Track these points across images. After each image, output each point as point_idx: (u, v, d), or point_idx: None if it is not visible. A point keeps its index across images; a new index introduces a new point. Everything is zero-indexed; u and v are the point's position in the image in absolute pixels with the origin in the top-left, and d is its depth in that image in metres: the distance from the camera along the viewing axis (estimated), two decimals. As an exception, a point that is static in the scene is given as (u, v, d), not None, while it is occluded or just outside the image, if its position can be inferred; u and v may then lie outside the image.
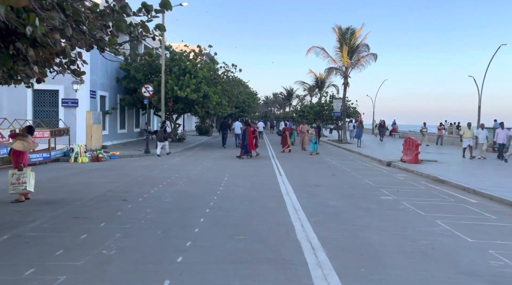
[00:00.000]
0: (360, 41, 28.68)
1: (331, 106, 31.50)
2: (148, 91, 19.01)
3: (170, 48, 23.34)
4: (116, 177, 11.34)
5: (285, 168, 14.19)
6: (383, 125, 35.11)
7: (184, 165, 14.58)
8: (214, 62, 24.36)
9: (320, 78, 42.10)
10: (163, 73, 20.78)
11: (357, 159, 18.47)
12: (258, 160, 16.87)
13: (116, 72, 22.97)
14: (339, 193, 9.47)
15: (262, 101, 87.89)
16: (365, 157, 19.67)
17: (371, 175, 12.96)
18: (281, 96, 77.56)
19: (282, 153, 20.45)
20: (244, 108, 48.78)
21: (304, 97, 55.20)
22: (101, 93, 20.84)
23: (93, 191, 9.17)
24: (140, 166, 14.12)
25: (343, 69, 29.47)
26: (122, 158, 17.51)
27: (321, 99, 38.12)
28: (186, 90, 20.89)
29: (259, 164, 15.32)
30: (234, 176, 11.89)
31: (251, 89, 58.21)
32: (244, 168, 13.99)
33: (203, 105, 22.73)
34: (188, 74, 21.46)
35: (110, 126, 22.24)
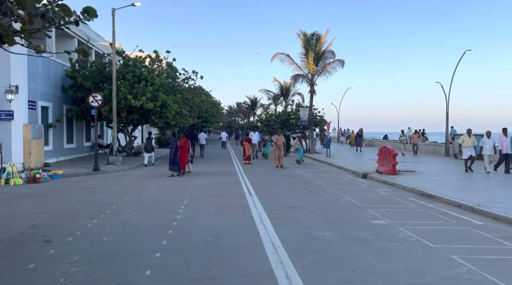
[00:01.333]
0: (326, 47, 27.76)
1: (298, 115, 30.30)
2: (96, 101, 16.79)
3: (123, 53, 21.20)
4: (49, 205, 9.19)
5: (255, 184, 12.50)
6: (360, 135, 31.66)
7: (137, 185, 12.54)
8: (173, 69, 22.42)
9: (285, 86, 41.01)
10: (115, 80, 18.62)
11: (330, 171, 17.12)
12: (223, 176, 15.07)
13: (61, 80, 20.51)
14: (322, 218, 7.89)
15: (225, 111, 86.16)
16: (338, 168, 18.39)
17: (350, 190, 11.54)
18: (244, 106, 76.19)
19: (250, 167, 18.80)
20: (207, 118, 46.77)
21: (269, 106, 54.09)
22: (42, 103, 18.33)
23: (10, 227, 7.05)
24: (83, 188, 11.95)
25: (309, 77, 28.38)
26: (66, 177, 15.17)
27: (287, 108, 36.97)
28: (141, 99, 18.82)
29: (225, 181, 13.55)
30: (195, 198, 10.05)
31: (214, 99, 56.41)
32: (207, 186, 12.17)
33: (161, 116, 20.69)
34: (144, 82, 19.42)
35: (54, 141, 19.68)
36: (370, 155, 25.42)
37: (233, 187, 12.15)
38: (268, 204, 9.28)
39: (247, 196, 10.36)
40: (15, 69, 16.12)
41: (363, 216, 8.08)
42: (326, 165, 19.87)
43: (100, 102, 16.91)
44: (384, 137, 40.97)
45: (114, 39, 18.90)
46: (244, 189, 11.58)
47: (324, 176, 15.25)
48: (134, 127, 24.09)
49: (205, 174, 15.79)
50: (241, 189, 11.69)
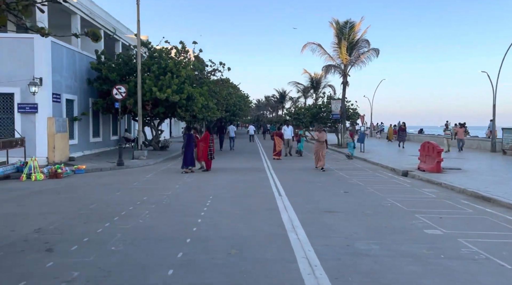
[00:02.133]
0: (360, 35, 26.24)
1: (329, 108, 28.94)
2: (120, 93, 16.21)
3: (149, 44, 20.59)
4: (63, 203, 8.54)
5: (285, 183, 11.49)
6: (403, 128, 28.20)
7: (159, 182, 11.80)
8: (199, 60, 21.64)
9: (315, 78, 39.56)
10: (139, 72, 18.00)
11: (366, 167, 15.85)
12: (251, 173, 14.14)
13: (87, 73, 20.13)
14: (364, 225, 6.79)
15: (254, 105, 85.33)
16: (374, 164, 17.06)
17: (392, 190, 10.32)
18: (273, 99, 75.04)
19: (280, 164, 17.79)
20: (235, 111, 46.01)
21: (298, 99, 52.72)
22: (67, 96, 17.98)
23: (15, 230, 6.38)
24: (103, 185, 11.31)
25: (341, 67, 26.94)
26: (89, 172, 14.69)
27: (317, 100, 35.61)
28: (166, 91, 18.12)
29: (252, 178, 12.60)
30: (219, 198, 9.15)
31: (242, 92, 55.59)
32: (233, 185, 11.26)
33: (187, 109, 19.96)
34: (170, 74, 18.71)
35: (80, 135, 19.36)
36: (408, 150, 23.82)
37: (261, 185, 11.18)
38: (300, 206, 8.25)
39: (276, 196, 9.37)
40: (39, 61, 15.75)
41: (412, 224, 6.91)
42: (360, 161, 18.56)
43: (124, 94, 16.32)
44: (420, 131, 38.84)
45: (139, 28, 18.25)
46: (273, 188, 10.58)
47: (360, 173, 14.03)
48: (161, 121, 23.54)
49: (232, 170, 14.91)
50: (270, 188, 10.70)
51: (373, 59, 25.97)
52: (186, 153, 13.99)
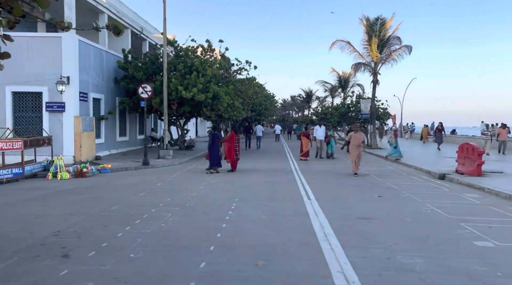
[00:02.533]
0: (391, 32, 25.19)
1: (358, 107, 28.05)
2: (146, 92, 16.05)
3: (175, 43, 20.42)
4: (85, 204, 8.31)
5: (313, 185, 10.92)
6: (441, 129, 26.09)
7: (184, 182, 11.47)
8: (226, 59, 21.31)
9: (344, 77, 38.57)
10: (165, 71, 17.82)
11: (398, 170, 15.04)
12: (277, 174, 13.63)
13: (114, 72, 20.17)
14: (404, 234, 6.17)
15: (279, 105, 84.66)
16: (407, 166, 16.21)
17: (430, 195, 9.58)
18: (299, 99, 74.08)
19: (307, 165, 17.21)
20: (261, 111, 45.62)
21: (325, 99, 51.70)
22: (94, 95, 18.02)
23: (33, 232, 6.14)
24: (127, 185, 11.09)
25: (371, 65, 26.00)
26: (115, 171, 14.58)
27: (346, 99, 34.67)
28: (192, 90, 17.87)
29: (279, 180, 12.09)
30: (245, 201, 8.70)
31: (268, 92, 55.13)
32: (259, 187, 10.78)
33: (213, 108, 19.66)
34: (195, 72, 18.45)
35: (106, 134, 19.40)
36: (442, 152, 22.70)
37: (289, 188, 10.65)
38: (332, 211, 7.68)
39: (305, 200, 8.83)
40: (66, 60, 15.80)
41: (458, 234, 6.23)
42: (393, 163, 17.71)
43: (150, 93, 16.16)
44: (452, 132, 37.19)
45: (165, 26, 18.07)
46: (301, 191, 10.04)
47: (393, 175, 13.27)
48: (187, 120, 23.38)
49: (258, 171, 14.45)
50: (298, 190, 10.16)
51: (405, 56, 24.90)
52: (211, 153, 13.65)
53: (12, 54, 14.65)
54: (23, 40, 15.72)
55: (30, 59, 15.77)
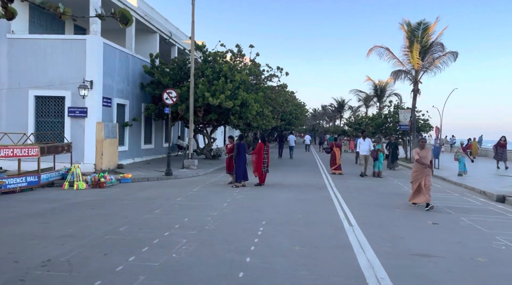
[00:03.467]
0: (435, 38, 23.38)
1: (396, 118, 26.24)
2: (171, 98, 15.15)
3: (203, 48, 19.55)
4: (91, 223, 7.29)
5: (353, 206, 9.50)
6: (504, 144, 21.32)
7: (206, 198, 10.32)
8: (256, 65, 20.22)
9: (380, 85, 36.69)
10: (192, 76, 16.91)
11: (448, 189, 13.32)
12: (310, 190, 12.26)
13: (140, 77, 19.49)
14: (481, 283, 4.70)
15: (310, 114, 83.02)
16: (456, 185, 14.45)
17: (497, 224, 7.97)
18: (330, 108, 72.23)
19: (342, 180, 15.74)
20: (291, 120, 44.32)
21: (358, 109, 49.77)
22: (119, 101, 17.33)
23: (19, 261, 5.11)
24: (143, 199, 10.05)
25: (412, 73, 24.22)
26: (135, 181, 13.68)
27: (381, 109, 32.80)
28: (219, 97, 16.85)
29: (312, 198, 10.72)
30: (274, 225, 7.42)
31: (298, 100, 53.80)
32: (290, 206, 9.47)
33: (241, 116, 18.57)
34: (223, 78, 17.45)
35: (131, 141, 18.66)
36: (489, 168, 20.57)
37: (324, 208, 9.28)
38: (380, 244, 6.27)
39: (345, 226, 7.45)
40: (90, 63, 15.16)
41: (556, 286, 4.70)
42: (439, 180, 15.92)
43: (175, 99, 15.24)
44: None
45: (193, 29, 17.22)
46: (339, 213, 8.65)
47: (443, 196, 11.62)
48: (214, 128, 22.41)
49: (288, 186, 13.13)
50: (336, 212, 8.78)
51: (449, 64, 23.00)
52: (237, 165, 12.45)
53: (35, 57, 14.06)
54: (47, 43, 15.23)
55: (53, 62, 15.25)
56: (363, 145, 16.58)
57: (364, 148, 16.56)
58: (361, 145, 16.69)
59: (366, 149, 16.49)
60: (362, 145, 16.62)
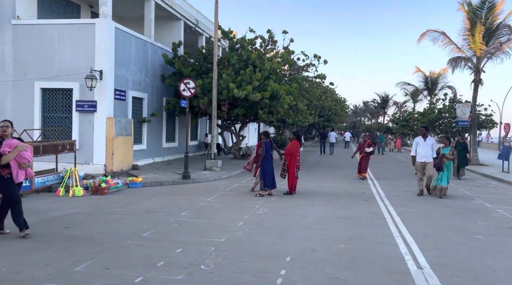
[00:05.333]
0: (502, 19, 19.91)
1: (453, 113, 22.90)
2: (189, 89, 13.06)
3: (230, 34, 17.36)
4: (45, 255, 5.25)
5: (415, 229, 6.91)
6: None
7: (219, 211, 8.09)
8: (290, 52, 17.77)
9: (432, 77, 32.96)
10: (215, 64, 14.78)
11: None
12: (352, 201, 9.72)
13: (162, 68, 17.62)
14: None
15: (350, 110, 79.12)
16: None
17: None
18: (373, 104, 68.17)
19: (395, 188, 13.04)
20: (330, 116, 41.38)
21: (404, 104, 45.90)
22: (135, 94, 15.51)
23: None
24: (140, 213, 7.98)
25: (473, 61, 20.83)
26: (147, 186, 11.77)
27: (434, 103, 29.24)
28: (246, 88, 14.61)
29: (356, 215, 8.20)
30: (303, 263, 5.04)
31: (338, 96, 50.64)
32: (327, 229, 7.03)
33: (271, 110, 16.22)
34: (251, 67, 15.18)
35: (150, 139, 16.84)
36: None
37: (375, 232, 6.77)
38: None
39: (411, 269, 4.94)
40: (100, 50, 13.38)
41: None
42: (507, 185, 12.82)
43: (194, 91, 13.15)
44: None
45: (217, 8, 15.04)
46: (397, 243, 6.12)
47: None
48: (243, 124, 20.21)
49: (324, 195, 10.65)
50: (393, 240, 6.25)
51: (521, 48, 19.43)
52: (264, 168, 10.08)
53: (42, 45, 11.63)
54: (54, 28, 13.63)
55: (61, 50, 13.62)
56: (424, 147, 10.71)
57: (425, 151, 10.67)
58: (419, 147, 10.80)
59: (428, 153, 10.66)
60: (422, 147, 10.73)
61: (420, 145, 10.82)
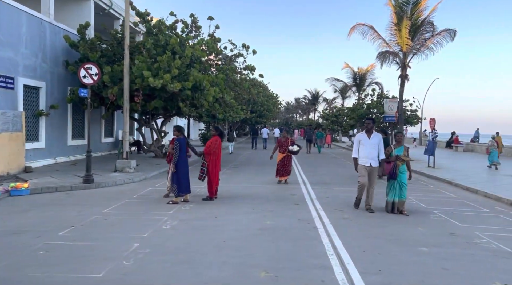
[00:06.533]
0: (427, 14, 20.07)
1: (381, 109, 22.95)
2: (90, 76, 10.91)
3: (146, 16, 15.30)
4: None
5: (354, 244, 5.75)
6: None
7: (112, 228, 6.30)
8: (215, 40, 16.18)
9: (360, 73, 33.36)
10: (127, 48, 12.74)
11: (462, 197, 9.84)
12: (283, 209, 8.46)
13: (65, 53, 15.06)
14: None
15: (283, 107, 79.63)
16: (470, 191, 11.05)
17: None
18: (304, 101, 69.00)
19: (325, 187, 12.09)
20: (263, 112, 40.57)
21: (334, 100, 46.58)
22: (27, 82, 12.93)
23: None
24: (12, 232, 5.94)
25: (400, 56, 20.88)
26: (37, 193, 9.57)
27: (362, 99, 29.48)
28: (164, 77, 12.77)
29: (284, 225, 6.90)
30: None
31: (270, 92, 50.17)
32: (248, 246, 5.62)
33: (194, 103, 14.54)
34: (170, 53, 13.35)
35: (50, 136, 14.28)
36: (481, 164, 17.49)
37: (304, 249, 5.49)
38: None
39: (351, 307, 3.66)
40: (-26, 26, 10.73)
41: None
42: (444, 185, 12.53)
43: (97, 78, 11.02)
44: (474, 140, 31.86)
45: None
46: (332, 262, 4.87)
47: (467, 212, 8.08)
48: (165, 119, 18.24)
49: (250, 198, 9.28)
50: (325, 260, 4.99)
51: (445, 44, 19.75)
52: (179, 171, 8.41)
53: None
54: None
55: None
56: (368, 146, 7.96)
57: (370, 152, 7.91)
58: (363, 147, 8.02)
59: (374, 154, 7.91)
60: (366, 146, 7.98)
61: (363, 144, 7.97)
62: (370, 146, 7.94)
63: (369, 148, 7.94)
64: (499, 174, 15.03)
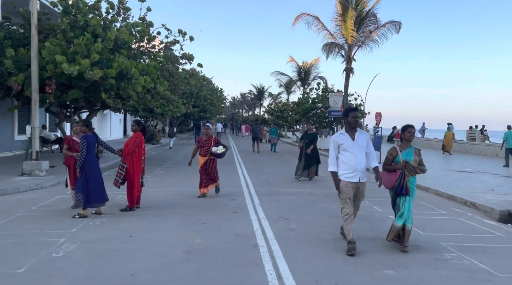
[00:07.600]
0: (371, 5, 19.67)
1: (326, 103, 22.33)
2: (-20, 58, 8.74)
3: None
4: None
5: (298, 265, 4.52)
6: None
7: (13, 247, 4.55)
8: (147, 23, 14.32)
9: (304, 67, 32.77)
10: (34, 28, 10.61)
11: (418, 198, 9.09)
12: (219, 219, 7.09)
13: (-41, 34, 12.44)
14: None
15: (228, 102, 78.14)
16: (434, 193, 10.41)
17: None
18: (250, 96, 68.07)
19: (271, 188, 10.90)
20: (206, 107, 38.84)
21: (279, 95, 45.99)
22: None
23: None
24: None
25: (345, 48, 20.32)
26: None
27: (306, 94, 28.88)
28: (82, 62, 10.79)
29: (217, 244, 5.54)
30: None
31: (214, 86, 48.49)
32: (163, 277, 4.17)
33: (119, 93, 12.67)
34: (89, 35, 11.37)
35: None
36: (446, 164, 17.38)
37: (241, 279, 4.16)
38: None
39: None
40: None
41: None
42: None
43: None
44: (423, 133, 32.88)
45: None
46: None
47: (423, 215, 7.26)
48: (91, 113, 16.03)
49: (178, 206, 7.82)
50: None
51: (390, 37, 19.45)
52: (87, 177, 6.70)
53: None
54: None
55: None
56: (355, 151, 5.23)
57: (357, 159, 5.22)
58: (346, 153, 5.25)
59: (362, 163, 5.27)
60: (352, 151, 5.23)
61: (346, 148, 5.23)
62: (358, 150, 5.21)
63: (356, 154, 5.19)
64: (447, 170, 14.79)
